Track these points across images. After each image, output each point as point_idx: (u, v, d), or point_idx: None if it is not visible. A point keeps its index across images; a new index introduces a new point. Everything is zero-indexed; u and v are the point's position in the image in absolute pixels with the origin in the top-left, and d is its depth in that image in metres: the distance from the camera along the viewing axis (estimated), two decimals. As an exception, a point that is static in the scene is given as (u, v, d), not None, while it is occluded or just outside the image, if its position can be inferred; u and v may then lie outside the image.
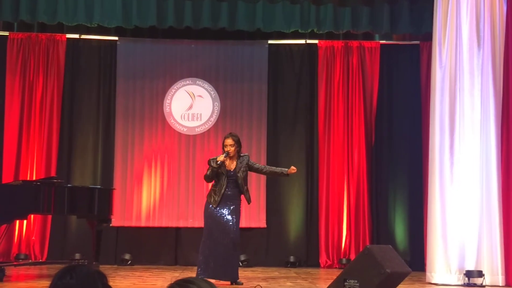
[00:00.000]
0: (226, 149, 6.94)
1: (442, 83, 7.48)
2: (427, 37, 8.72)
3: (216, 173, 6.91)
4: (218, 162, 6.84)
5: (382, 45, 9.98)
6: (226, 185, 6.88)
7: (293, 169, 7.00)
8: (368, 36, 9.89)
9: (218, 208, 6.86)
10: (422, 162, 9.37)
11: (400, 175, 9.79)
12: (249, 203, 7.12)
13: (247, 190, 7.05)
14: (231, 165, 6.96)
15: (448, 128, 7.41)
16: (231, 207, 6.89)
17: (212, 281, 6.65)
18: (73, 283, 2.07)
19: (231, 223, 6.85)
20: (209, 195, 6.99)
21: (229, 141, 6.97)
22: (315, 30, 8.64)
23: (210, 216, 6.88)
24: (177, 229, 9.76)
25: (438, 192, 7.36)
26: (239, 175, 6.91)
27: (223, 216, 6.85)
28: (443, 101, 7.46)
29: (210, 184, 7.11)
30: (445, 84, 7.47)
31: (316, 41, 10.02)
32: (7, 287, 6.37)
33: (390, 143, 9.87)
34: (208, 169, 6.96)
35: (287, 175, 7.12)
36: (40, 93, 9.69)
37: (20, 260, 9.20)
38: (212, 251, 6.77)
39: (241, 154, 7.08)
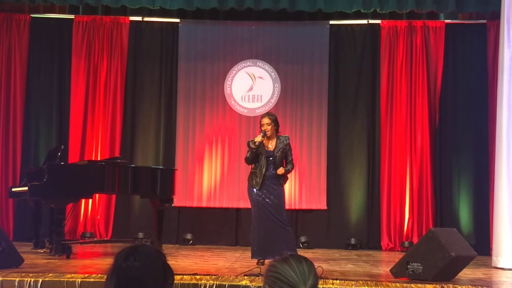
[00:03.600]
0: (263, 129, 6.76)
1: (511, 63, 7.25)
2: (494, 16, 8.47)
3: (255, 154, 6.76)
4: (256, 143, 6.72)
5: (447, 24, 9.75)
6: (266, 166, 6.72)
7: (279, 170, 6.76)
8: (433, 16, 9.68)
9: (261, 190, 6.71)
10: (488, 145, 9.15)
11: (464, 158, 9.58)
12: (282, 184, 6.81)
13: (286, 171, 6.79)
14: (270, 145, 6.79)
15: (516, 109, 7.20)
16: (274, 188, 6.72)
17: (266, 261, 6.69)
18: (137, 265, 2.09)
19: (273, 204, 6.69)
20: (250, 178, 6.81)
21: (265, 120, 6.79)
22: (377, 9, 8.48)
23: (254, 200, 6.75)
24: (237, 209, 9.82)
25: (506, 175, 7.16)
26: (277, 155, 6.74)
27: (267, 198, 6.70)
28: (511, 82, 7.24)
29: (250, 167, 6.93)
30: (513, 64, 7.25)
31: (378, 21, 9.88)
32: (73, 264, 6.54)
33: (455, 125, 9.65)
34: (247, 151, 6.83)
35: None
36: (104, 74, 9.87)
37: (86, 238, 9.45)
38: (263, 232, 6.70)
39: (281, 136, 6.88)
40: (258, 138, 6.72)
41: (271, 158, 6.75)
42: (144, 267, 2.08)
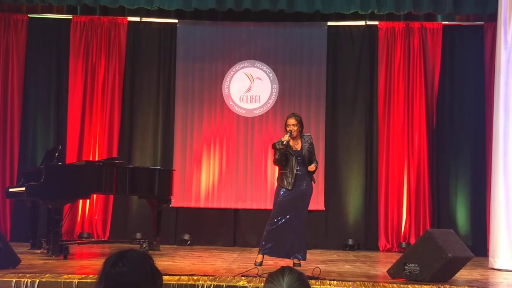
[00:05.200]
0: (288, 129, 6.82)
1: (507, 65, 7.27)
2: (492, 17, 8.48)
3: (284, 155, 6.81)
4: (284, 143, 6.76)
5: (444, 26, 9.77)
6: (297, 165, 6.77)
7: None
8: (430, 17, 9.70)
9: (293, 190, 6.74)
10: (485, 146, 9.18)
11: (462, 159, 9.61)
12: (313, 182, 6.90)
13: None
14: (297, 145, 6.84)
15: (513, 111, 7.21)
16: (304, 187, 6.78)
17: (269, 259, 6.70)
18: (126, 270, 2.09)
19: (299, 202, 6.75)
20: (280, 179, 6.84)
21: (292, 121, 6.85)
22: (375, 11, 8.50)
23: (280, 201, 6.77)
24: (236, 210, 9.83)
25: (502, 176, 7.18)
26: (305, 154, 6.79)
27: (295, 197, 6.74)
28: (508, 83, 7.26)
29: (278, 168, 7.00)
30: (510, 65, 7.26)
31: (376, 23, 9.90)
32: (71, 265, 6.53)
33: (452, 126, 9.68)
34: (275, 153, 6.83)
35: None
36: (102, 75, 9.87)
37: (83, 239, 9.44)
38: (279, 231, 6.72)
39: (304, 134, 6.95)
40: (285, 138, 6.77)
41: (300, 158, 6.81)
42: (133, 272, 2.09)
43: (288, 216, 6.74)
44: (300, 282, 2.12)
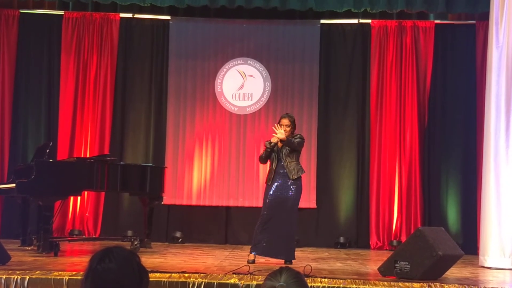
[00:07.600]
0: (281, 129, 6.85)
1: (499, 63, 7.29)
2: (484, 16, 8.51)
3: (269, 154, 6.86)
4: (272, 144, 6.80)
5: (436, 24, 9.80)
6: (277, 161, 6.81)
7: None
8: (423, 16, 9.72)
9: (272, 185, 6.77)
10: (476, 144, 9.21)
11: (453, 157, 9.63)
12: (290, 178, 6.74)
13: (293, 167, 6.75)
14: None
15: (504, 109, 7.23)
16: (285, 185, 6.76)
17: (262, 259, 6.70)
18: (113, 266, 2.08)
19: (281, 201, 6.73)
20: (267, 178, 6.90)
21: (285, 121, 6.86)
22: (368, 9, 8.51)
23: (265, 197, 6.82)
24: (227, 208, 9.82)
25: (493, 175, 7.20)
26: (283, 150, 6.79)
27: (277, 192, 6.75)
28: (499, 82, 7.28)
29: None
30: (501, 64, 7.28)
31: (369, 21, 9.90)
32: (61, 262, 6.50)
33: (444, 124, 9.71)
34: (263, 151, 6.96)
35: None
36: (94, 71, 9.84)
37: (74, 236, 9.42)
38: (266, 229, 6.73)
39: (295, 135, 6.92)
40: (274, 140, 6.79)
41: (280, 154, 6.81)
42: (120, 268, 2.08)
43: (272, 214, 6.72)
44: (296, 279, 2.22)
